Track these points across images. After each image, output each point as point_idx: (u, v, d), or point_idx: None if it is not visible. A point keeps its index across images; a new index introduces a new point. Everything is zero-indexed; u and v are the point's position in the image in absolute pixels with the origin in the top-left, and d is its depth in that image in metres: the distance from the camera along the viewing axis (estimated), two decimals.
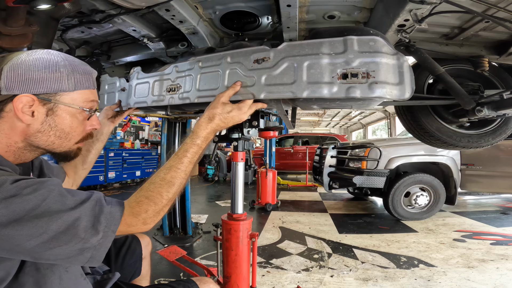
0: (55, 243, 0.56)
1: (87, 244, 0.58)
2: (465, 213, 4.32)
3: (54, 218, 0.55)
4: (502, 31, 1.38)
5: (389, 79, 0.74)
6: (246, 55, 0.90)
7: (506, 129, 1.61)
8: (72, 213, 0.57)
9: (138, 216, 0.67)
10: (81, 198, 0.61)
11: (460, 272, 2.26)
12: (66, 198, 0.58)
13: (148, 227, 0.69)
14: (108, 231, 0.61)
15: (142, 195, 0.70)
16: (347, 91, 0.76)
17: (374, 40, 0.76)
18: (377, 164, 3.83)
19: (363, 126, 19.21)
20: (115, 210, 0.63)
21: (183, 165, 0.76)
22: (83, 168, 1.11)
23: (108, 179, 6.45)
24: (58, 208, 0.56)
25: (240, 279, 1.36)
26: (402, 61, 0.75)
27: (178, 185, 0.74)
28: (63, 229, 0.56)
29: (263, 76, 0.86)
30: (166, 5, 1.11)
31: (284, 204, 4.99)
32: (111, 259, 1.10)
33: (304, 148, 8.80)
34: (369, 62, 0.75)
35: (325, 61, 0.78)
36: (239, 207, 1.39)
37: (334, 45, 0.78)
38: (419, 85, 1.59)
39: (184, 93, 1.03)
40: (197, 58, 1.02)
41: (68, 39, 1.49)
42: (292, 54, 0.83)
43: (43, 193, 0.56)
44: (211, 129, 0.82)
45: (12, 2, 0.90)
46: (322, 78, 0.78)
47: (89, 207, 0.60)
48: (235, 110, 0.85)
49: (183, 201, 3.16)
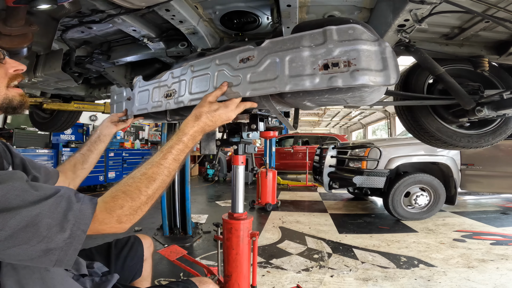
0: (13, 242, 0.51)
1: (51, 244, 0.53)
2: (465, 213, 4.32)
3: (12, 214, 0.51)
4: (502, 31, 1.38)
5: (371, 66, 0.73)
6: (232, 56, 0.91)
7: (506, 129, 1.61)
8: (32, 208, 0.52)
9: (112, 212, 0.60)
10: (45, 193, 0.56)
11: (460, 272, 2.26)
12: (27, 193, 0.54)
13: (122, 227, 0.62)
14: (76, 230, 0.55)
15: (119, 189, 0.64)
16: (329, 81, 0.75)
17: (353, 28, 0.75)
18: (377, 164, 3.83)
19: (363, 126, 19.21)
20: (85, 207, 0.58)
21: (167, 162, 0.71)
22: (82, 167, 1.09)
23: (108, 179, 6.45)
24: (18, 203, 0.52)
25: (240, 278, 1.37)
26: (384, 47, 0.74)
27: (160, 181, 0.69)
28: (22, 226, 0.51)
29: (248, 74, 0.87)
30: (166, 5, 1.11)
31: (284, 204, 4.99)
32: (112, 260, 1.09)
33: (304, 148, 8.80)
34: (349, 50, 0.74)
35: (306, 53, 0.78)
36: (240, 206, 1.39)
37: (314, 37, 0.78)
38: (419, 85, 1.59)
39: (179, 97, 1.05)
40: (190, 63, 1.04)
41: (68, 39, 1.49)
42: (274, 50, 0.84)
43: (2, 187, 0.52)
44: (199, 127, 0.81)
45: (12, 2, 0.90)
46: (303, 70, 0.78)
47: (53, 203, 0.55)
48: (222, 108, 0.85)
49: (183, 201, 3.16)
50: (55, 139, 5.94)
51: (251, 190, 6.18)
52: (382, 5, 1.16)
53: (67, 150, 5.81)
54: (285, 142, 9.76)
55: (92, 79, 2.30)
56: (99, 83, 2.37)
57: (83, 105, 2.50)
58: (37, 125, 2.83)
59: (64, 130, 2.87)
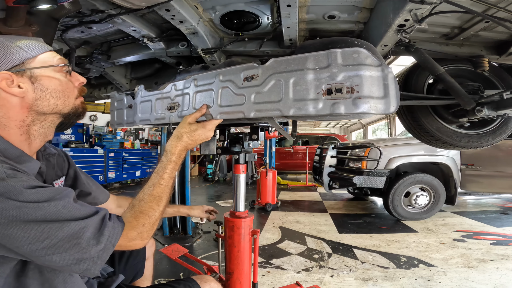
0: (56, 250, 0.57)
1: (85, 255, 0.60)
2: (465, 213, 4.32)
3: (62, 225, 0.58)
4: (502, 31, 1.38)
5: (373, 93, 0.73)
6: (236, 73, 0.92)
7: (506, 129, 1.61)
8: (79, 222, 0.60)
9: (137, 229, 0.70)
10: (90, 210, 0.64)
11: (460, 272, 2.26)
12: (76, 209, 0.62)
13: (144, 243, 0.72)
14: (108, 244, 0.63)
15: (137, 210, 0.73)
16: (332, 107, 0.76)
17: (358, 52, 0.75)
18: (377, 164, 3.83)
19: (363, 126, 19.21)
20: (117, 225, 0.66)
21: (165, 181, 0.80)
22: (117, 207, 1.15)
23: (108, 179, 6.45)
24: (67, 217, 0.59)
25: (242, 275, 1.39)
26: (386, 73, 0.74)
27: (165, 199, 0.78)
28: (67, 237, 0.58)
29: (253, 95, 0.88)
30: (166, 5, 1.11)
31: (284, 204, 4.99)
32: (115, 259, 1.10)
33: (304, 148, 8.80)
34: (352, 76, 0.74)
35: (310, 76, 0.78)
36: (241, 205, 1.42)
37: (318, 59, 0.78)
38: (419, 85, 1.59)
39: (182, 111, 1.07)
40: (193, 76, 1.05)
41: (68, 39, 1.49)
42: (279, 70, 0.84)
43: (58, 203, 0.59)
44: (182, 147, 0.88)
45: (12, 2, 0.90)
46: (307, 94, 0.78)
47: (96, 220, 0.63)
48: (201, 128, 0.92)
49: (183, 201, 3.16)
50: (55, 139, 5.95)
51: (251, 190, 6.18)
52: (382, 5, 1.17)
53: (67, 150, 5.81)
54: (285, 142, 9.75)
55: (92, 79, 2.31)
56: (99, 83, 2.37)
57: None
58: None
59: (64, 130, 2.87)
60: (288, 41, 1.42)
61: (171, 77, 2.02)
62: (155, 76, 2.08)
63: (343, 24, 1.38)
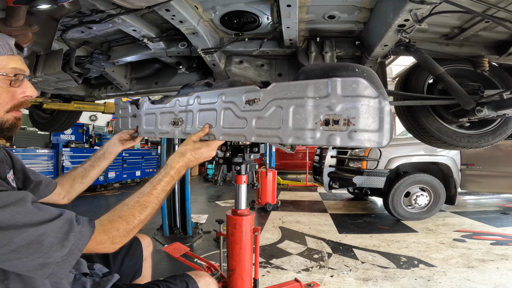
0: (15, 255, 0.56)
1: (49, 260, 0.58)
2: (465, 213, 4.32)
3: (18, 232, 0.56)
4: (502, 31, 1.38)
5: (368, 126, 0.74)
6: (239, 94, 0.95)
7: (506, 129, 1.61)
8: (38, 228, 0.58)
9: (109, 233, 0.68)
10: (50, 215, 0.61)
11: (460, 272, 2.26)
12: (34, 214, 0.59)
13: (115, 247, 0.70)
14: (74, 248, 0.61)
15: (115, 214, 0.72)
16: (328, 139, 0.77)
17: (357, 83, 0.75)
18: (377, 164, 3.83)
19: None
20: (85, 230, 0.65)
21: (156, 191, 0.80)
22: (81, 182, 1.12)
23: (108, 179, 6.45)
24: (24, 222, 0.57)
25: (244, 272, 1.42)
26: (383, 105, 0.75)
27: (150, 209, 0.77)
28: (26, 243, 0.57)
29: (254, 120, 0.91)
30: (166, 5, 1.11)
31: (284, 204, 4.99)
32: (110, 260, 1.09)
33: (304, 148, 8.79)
34: (350, 108, 0.75)
35: (310, 105, 0.80)
36: (243, 203, 1.44)
37: (318, 87, 0.79)
38: (419, 85, 1.59)
39: (186, 128, 1.10)
40: (196, 94, 1.08)
41: (68, 39, 1.49)
42: (279, 96, 0.86)
43: (12, 209, 0.57)
44: (183, 163, 0.88)
45: (12, 2, 0.90)
46: (306, 124, 0.80)
47: (58, 224, 0.61)
48: (204, 147, 0.94)
49: (183, 201, 3.16)
50: (55, 139, 5.94)
51: (251, 190, 6.18)
52: (382, 5, 1.16)
53: (67, 150, 5.81)
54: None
55: (92, 79, 2.30)
56: (99, 83, 2.37)
57: (83, 105, 2.50)
58: (37, 125, 2.83)
59: (64, 130, 2.87)
60: (288, 41, 1.42)
61: (171, 77, 2.02)
62: (155, 76, 2.08)
63: (343, 24, 1.38)
